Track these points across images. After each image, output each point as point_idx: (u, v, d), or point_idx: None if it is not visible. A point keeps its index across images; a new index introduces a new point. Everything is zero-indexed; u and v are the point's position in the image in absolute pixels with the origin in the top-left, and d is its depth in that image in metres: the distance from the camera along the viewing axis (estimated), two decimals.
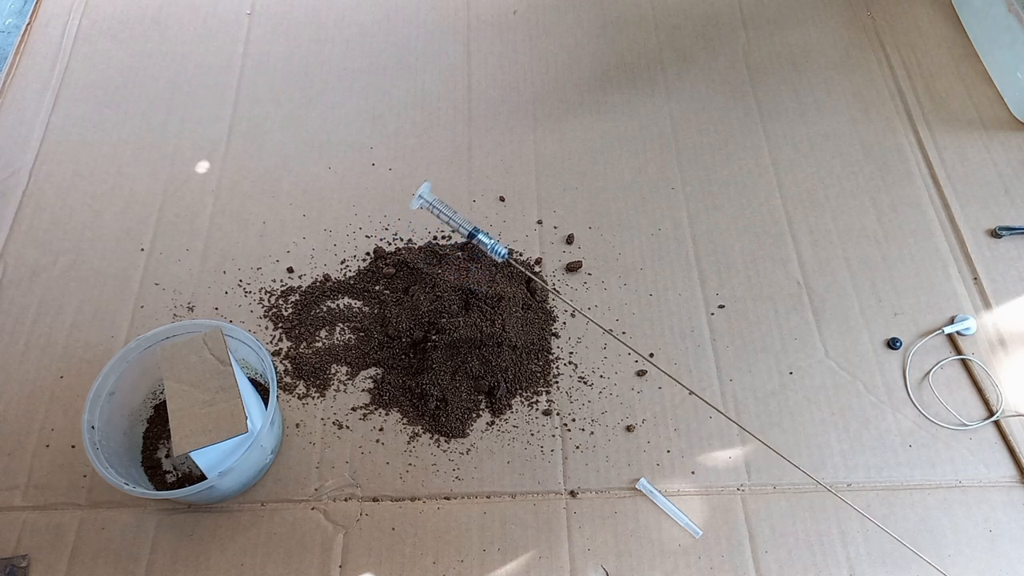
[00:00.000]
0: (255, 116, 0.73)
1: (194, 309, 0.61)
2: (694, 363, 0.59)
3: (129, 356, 0.52)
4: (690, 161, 0.70)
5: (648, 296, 0.62)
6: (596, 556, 0.51)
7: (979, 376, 0.58)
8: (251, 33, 0.79)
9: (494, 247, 0.54)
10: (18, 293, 0.62)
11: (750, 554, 0.51)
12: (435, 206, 0.55)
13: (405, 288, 0.61)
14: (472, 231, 0.54)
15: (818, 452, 0.55)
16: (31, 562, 0.51)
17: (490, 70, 0.76)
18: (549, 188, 0.68)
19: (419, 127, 0.72)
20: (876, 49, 0.78)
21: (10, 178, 0.68)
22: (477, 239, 0.54)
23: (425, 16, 0.80)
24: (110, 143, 0.71)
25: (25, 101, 0.73)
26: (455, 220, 0.55)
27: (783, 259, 0.64)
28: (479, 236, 0.54)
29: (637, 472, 0.55)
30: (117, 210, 0.67)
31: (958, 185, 0.68)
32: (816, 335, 0.60)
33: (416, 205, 0.54)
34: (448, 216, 0.55)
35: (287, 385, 0.58)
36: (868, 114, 0.73)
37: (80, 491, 0.54)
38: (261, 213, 0.67)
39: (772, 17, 0.80)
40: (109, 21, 0.79)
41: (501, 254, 0.54)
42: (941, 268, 0.64)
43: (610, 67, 0.76)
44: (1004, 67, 0.73)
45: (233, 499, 0.53)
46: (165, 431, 0.55)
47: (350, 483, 0.54)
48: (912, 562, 0.51)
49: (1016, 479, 0.55)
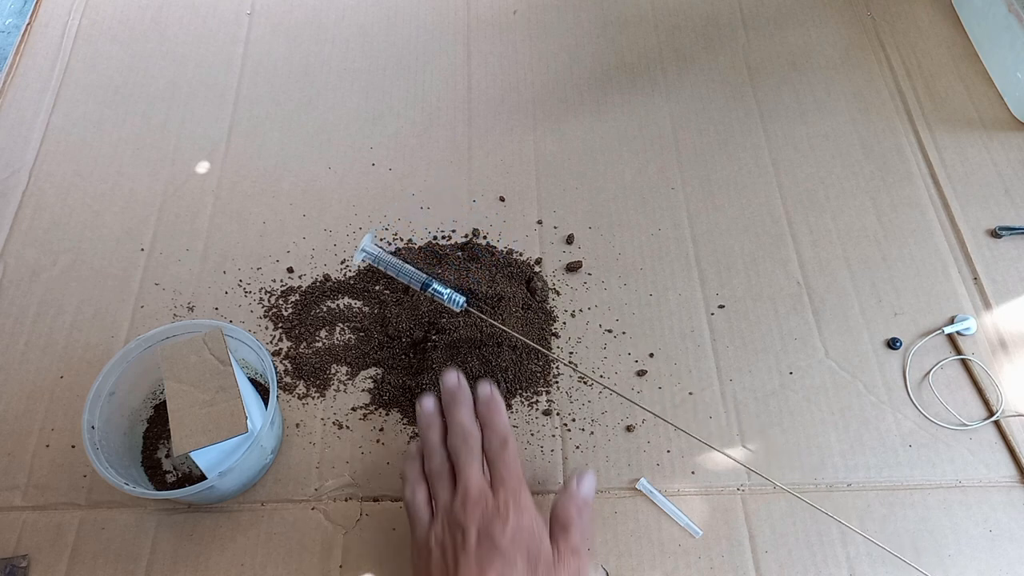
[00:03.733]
0: (255, 116, 0.73)
1: (194, 309, 0.61)
2: (694, 363, 0.59)
3: (129, 356, 0.52)
4: (690, 161, 0.70)
5: (648, 296, 0.62)
6: (596, 556, 0.51)
7: (979, 376, 0.58)
8: (251, 33, 0.79)
9: (451, 296, 0.53)
10: (18, 293, 0.62)
11: (750, 554, 0.52)
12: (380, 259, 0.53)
13: (405, 288, 0.61)
14: (425, 282, 0.53)
15: (818, 452, 0.55)
16: (31, 562, 0.51)
17: (490, 70, 0.76)
18: (549, 188, 0.68)
19: (419, 127, 0.72)
20: (876, 49, 0.78)
21: (10, 178, 0.68)
22: (431, 289, 0.53)
23: (425, 16, 0.80)
24: (110, 143, 0.71)
25: (25, 101, 0.73)
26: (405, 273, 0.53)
27: (783, 259, 0.64)
28: (433, 286, 0.53)
29: (637, 472, 0.55)
30: (117, 210, 0.67)
31: (958, 185, 0.68)
32: (816, 335, 0.60)
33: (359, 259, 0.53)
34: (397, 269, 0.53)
35: (287, 385, 0.58)
36: (868, 114, 0.73)
37: (80, 491, 0.54)
38: (261, 213, 0.67)
39: (772, 17, 0.80)
40: (109, 21, 0.79)
41: (459, 303, 0.54)
42: (941, 268, 0.64)
43: (610, 67, 0.76)
44: (1004, 67, 0.73)
45: (233, 499, 0.53)
46: (165, 431, 0.55)
47: (350, 483, 0.54)
48: (912, 562, 0.51)
49: (1016, 479, 0.55)
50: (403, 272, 0.52)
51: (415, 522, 0.46)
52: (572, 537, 0.45)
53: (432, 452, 0.47)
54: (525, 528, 0.43)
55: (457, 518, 0.43)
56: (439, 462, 0.47)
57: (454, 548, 0.42)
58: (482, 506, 0.43)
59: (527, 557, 0.42)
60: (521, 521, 0.43)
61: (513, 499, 0.44)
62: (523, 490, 0.45)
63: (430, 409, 0.50)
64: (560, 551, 0.44)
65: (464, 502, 0.43)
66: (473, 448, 0.46)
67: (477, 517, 0.43)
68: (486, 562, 0.41)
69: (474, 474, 0.45)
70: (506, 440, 0.47)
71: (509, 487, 0.44)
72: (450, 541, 0.43)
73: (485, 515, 0.43)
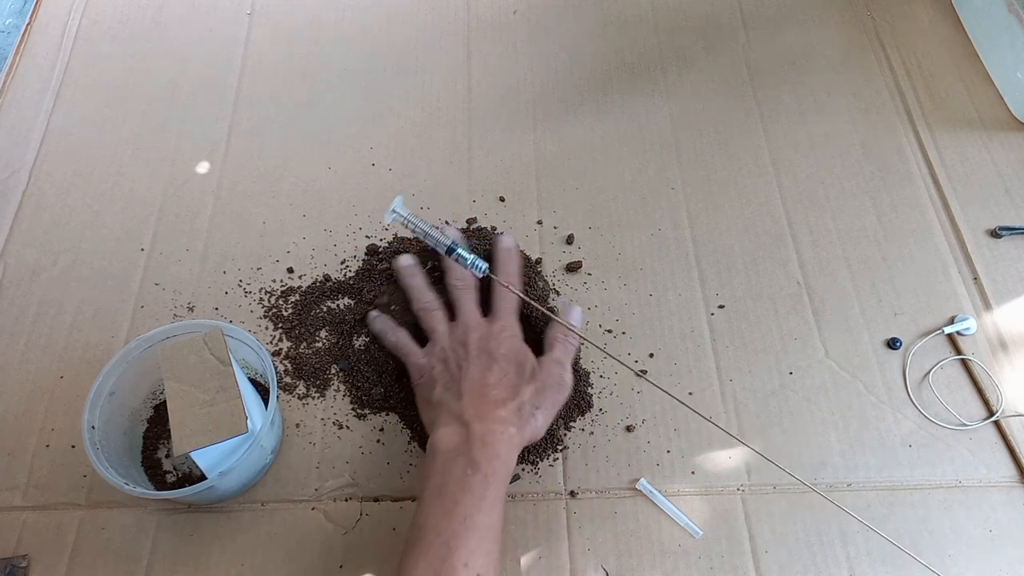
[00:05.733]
0: (255, 116, 0.73)
1: (194, 309, 0.61)
2: (694, 363, 0.59)
3: (129, 356, 0.52)
4: (690, 161, 0.70)
5: (648, 296, 0.62)
6: (596, 556, 0.51)
7: (979, 376, 0.58)
8: (251, 33, 0.79)
9: (474, 262, 0.54)
10: (18, 293, 0.62)
11: (750, 554, 0.52)
12: (409, 220, 0.54)
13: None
14: (450, 246, 0.54)
15: (818, 452, 0.55)
16: (31, 562, 0.51)
17: (490, 70, 0.76)
18: (549, 188, 0.68)
19: (419, 127, 0.72)
20: (876, 49, 0.78)
21: (10, 178, 0.68)
22: (456, 254, 0.54)
23: (425, 16, 0.80)
24: (110, 143, 0.71)
25: (25, 101, 0.73)
26: (431, 236, 0.54)
27: (783, 259, 0.64)
28: (457, 251, 0.54)
29: (637, 472, 0.55)
30: (117, 210, 0.67)
31: (958, 185, 0.68)
32: (816, 335, 0.60)
33: (390, 219, 0.54)
34: (424, 231, 0.54)
35: (287, 385, 0.58)
36: (868, 114, 0.73)
37: (80, 491, 0.54)
38: (261, 213, 0.67)
39: (772, 17, 0.80)
40: (109, 21, 0.79)
41: (481, 269, 0.54)
42: (941, 268, 0.64)
43: (610, 67, 0.76)
44: (1004, 67, 0.73)
45: (233, 499, 0.53)
46: (165, 431, 0.55)
47: (350, 483, 0.54)
48: (912, 562, 0.51)
49: (1016, 479, 0.55)
50: (430, 235, 0.54)
51: (410, 352, 0.54)
52: (556, 352, 0.54)
53: (421, 293, 0.56)
54: (516, 347, 0.53)
55: (460, 338, 0.52)
56: (431, 299, 0.56)
57: (457, 359, 0.51)
58: (481, 331, 0.53)
59: (517, 365, 0.51)
60: (513, 342, 0.53)
61: (508, 327, 0.53)
62: (516, 322, 0.55)
63: (411, 262, 0.58)
64: (545, 362, 0.53)
65: (466, 327, 0.53)
66: (471, 287, 0.56)
67: (477, 338, 0.52)
68: (486, 366, 0.50)
69: (474, 308, 0.55)
70: (515, 284, 0.56)
71: (505, 319, 0.54)
72: (453, 355, 0.52)
73: (483, 337, 0.52)
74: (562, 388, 0.52)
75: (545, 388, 0.51)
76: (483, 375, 0.50)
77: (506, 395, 0.49)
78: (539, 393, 0.50)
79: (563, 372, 0.53)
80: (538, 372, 0.51)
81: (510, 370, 0.51)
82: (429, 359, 0.53)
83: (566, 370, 0.53)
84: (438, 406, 0.49)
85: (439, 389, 0.50)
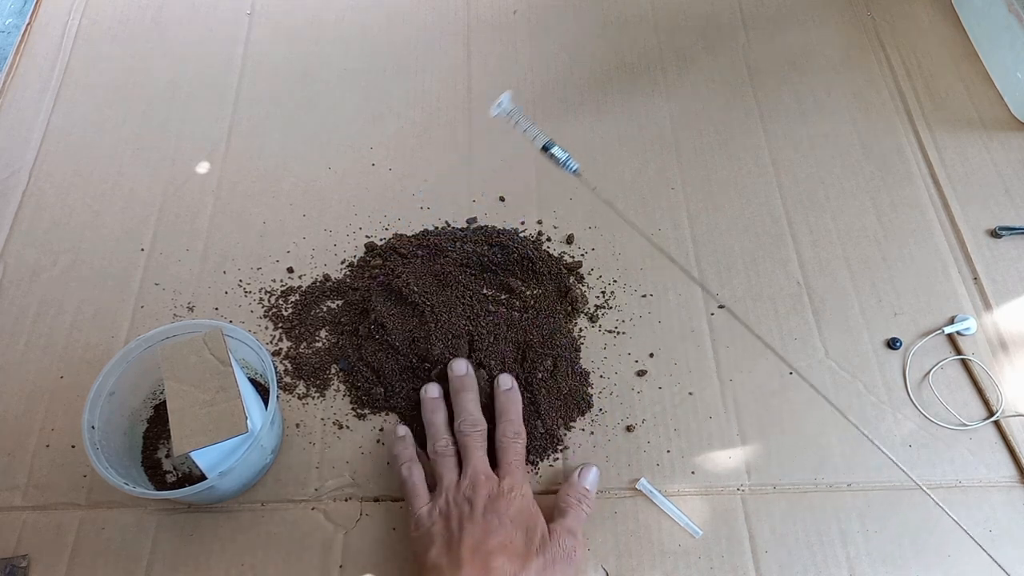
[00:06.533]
0: (255, 116, 0.73)
1: (194, 309, 0.61)
2: (694, 363, 0.59)
3: (129, 356, 0.52)
4: (690, 161, 0.70)
5: (648, 296, 0.62)
6: (596, 556, 0.51)
7: (979, 376, 0.58)
8: (251, 33, 0.79)
9: (566, 161, 0.55)
10: (18, 293, 0.62)
11: (750, 554, 0.52)
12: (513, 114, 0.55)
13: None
14: (547, 144, 0.55)
15: (818, 452, 0.55)
16: (31, 562, 0.51)
17: (490, 70, 0.76)
18: (549, 188, 0.68)
19: (419, 127, 0.72)
20: (876, 49, 0.78)
21: (10, 178, 0.68)
22: (551, 152, 0.55)
23: (425, 16, 0.80)
24: (110, 143, 0.71)
25: (25, 101, 0.73)
26: (532, 130, 0.55)
27: (783, 259, 0.64)
28: (553, 149, 0.55)
29: (637, 472, 0.55)
30: (117, 210, 0.67)
31: (958, 185, 0.68)
32: (816, 335, 0.60)
33: (495, 113, 0.55)
34: (525, 126, 0.55)
35: (287, 385, 0.58)
36: (868, 114, 0.73)
37: (80, 491, 0.54)
38: (261, 213, 0.67)
39: (772, 17, 0.80)
40: (109, 21, 0.79)
41: (573, 169, 0.55)
42: (941, 268, 0.64)
43: (610, 67, 0.76)
44: (1004, 67, 0.73)
45: (233, 499, 0.53)
46: (165, 431, 0.55)
47: (350, 483, 0.54)
48: (912, 562, 0.51)
49: (1016, 479, 0.55)
50: (529, 131, 0.55)
51: (414, 498, 0.50)
52: (568, 520, 0.49)
53: (438, 435, 0.52)
54: (526, 509, 0.48)
55: (465, 494, 0.48)
56: (445, 444, 0.52)
57: (460, 518, 0.47)
58: (489, 487, 0.49)
59: (525, 531, 0.47)
60: (523, 503, 0.48)
61: (517, 485, 0.49)
62: (525, 480, 0.51)
63: (435, 395, 0.55)
64: (556, 530, 0.48)
65: (474, 482, 0.49)
66: (482, 435, 0.52)
67: (484, 495, 0.48)
68: (490, 530, 0.46)
69: (483, 459, 0.51)
70: (519, 433, 0.52)
71: (515, 475, 0.50)
72: (456, 512, 0.47)
73: (491, 494, 0.48)
74: (571, 562, 0.47)
75: (555, 562, 0.46)
76: (485, 538, 0.46)
77: (510, 568, 0.45)
78: (546, 568, 0.46)
79: (575, 544, 0.48)
80: (547, 543, 0.47)
81: (517, 537, 0.46)
82: (431, 514, 0.48)
83: (578, 541, 0.49)
84: (433, 572, 0.45)
85: (435, 551, 0.46)
